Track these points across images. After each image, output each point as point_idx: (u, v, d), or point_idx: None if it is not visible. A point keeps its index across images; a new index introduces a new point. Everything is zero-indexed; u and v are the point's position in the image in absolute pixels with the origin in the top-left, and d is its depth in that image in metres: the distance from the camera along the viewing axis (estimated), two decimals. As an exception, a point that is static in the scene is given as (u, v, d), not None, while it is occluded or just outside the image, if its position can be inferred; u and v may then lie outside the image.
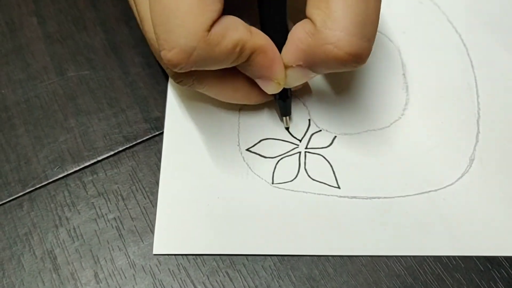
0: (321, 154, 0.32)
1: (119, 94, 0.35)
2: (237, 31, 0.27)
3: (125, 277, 0.30)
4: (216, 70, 0.29)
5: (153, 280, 0.29)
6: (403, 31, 0.36)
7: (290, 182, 0.31)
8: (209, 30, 0.26)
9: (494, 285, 0.29)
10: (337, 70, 0.28)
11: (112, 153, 0.33)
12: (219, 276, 0.29)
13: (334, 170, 0.32)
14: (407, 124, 0.33)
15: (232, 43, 0.26)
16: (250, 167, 0.32)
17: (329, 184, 0.31)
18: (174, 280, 0.29)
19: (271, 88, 0.30)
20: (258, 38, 0.28)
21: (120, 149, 0.33)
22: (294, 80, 0.30)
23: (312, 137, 0.33)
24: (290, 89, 0.32)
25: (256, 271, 0.29)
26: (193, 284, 0.29)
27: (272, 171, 0.32)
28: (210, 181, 0.32)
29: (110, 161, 0.33)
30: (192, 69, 0.27)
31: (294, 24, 0.28)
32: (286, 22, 0.30)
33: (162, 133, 0.33)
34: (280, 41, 0.29)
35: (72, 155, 0.33)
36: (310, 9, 0.27)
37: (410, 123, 0.33)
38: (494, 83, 0.34)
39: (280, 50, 0.29)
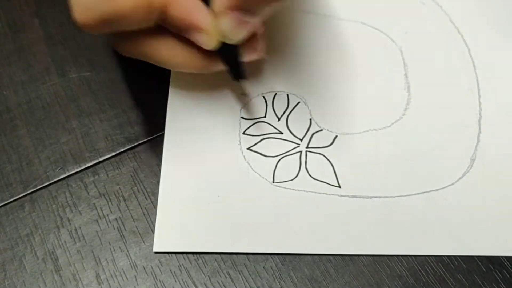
0: (322, 153, 0.32)
1: (120, 95, 0.35)
2: None
3: (127, 278, 0.30)
4: (148, 36, 0.28)
5: (155, 281, 0.29)
6: (405, 31, 0.36)
7: (291, 181, 0.31)
8: None
9: (496, 286, 0.29)
10: (268, 2, 0.27)
11: (113, 154, 0.33)
12: (220, 277, 0.29)
13: (335, 169, 0.32)
14: (409, 124, 0.33)
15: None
16: (251, 166, 0.32)
17: (330, 183, 0.31)
18: (175, 281, 0.29)
19: (203, 42, 0.28)
20: None
21: (122, 150, 0.33)
22: (232, 29, 0.28)
23: (313, 136, 0.33)
24: (237, 47, 0.30)
25: (257, 272, 0.29)
26: (195, 285, 0.29)
27: (273, 170, 0.32)
28: (211, 180, 0.32)
29: (111, 162, 0.33)
30: (106, 30, 0.27)
31: None
32: None
33: (164, 134, 0.33)
34: None
35: (73, 156, 0.33)
36: None
37: (412, 123, 0.33)
38: (496, 84, 0.34)
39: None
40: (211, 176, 0.32)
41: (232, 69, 0.31)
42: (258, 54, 0.31)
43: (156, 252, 0.30)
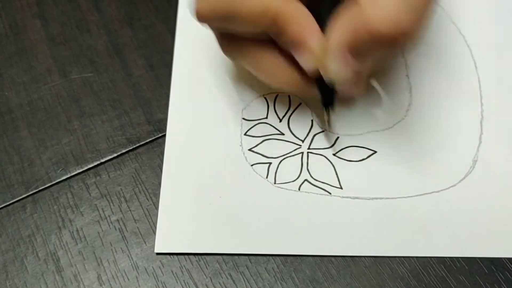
0: (324, 154, 0.32)
1: (122, 96, 0.35)
2: None
3: (128, 279, 0.30)
4: (256, 46, 0.29)
5: (156, 282, 0.29)
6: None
7: (292, 182, 0.31)
8: None
9: (498, 287, 0.28)
10: (383, 51, 0.27)
11: (115, 155, 0.33)
12: (222, 278, 0.29)
13: (337, 170, 0.32)
14: (410, 125, 0.33)
15: (261, 6, 0.27)
16: (252, 167, 0.32)
17: (332, 184, 0.31)
18: (177, 282, 0.29)
19: (306, 61, 0.28)
20: (292, 6, 0.27)
21: (123, 151, 0.33)
22: (337, 70, 0.28)
23: (315, 137, 0.33)
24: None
25: (259, 273, 0.29)
26: (196, 286, 0.29)
27: (275, 171, 0.32)
28: (212, 181, 0.32)
29: (113, 163, 0.33)
30: (220, 25, 0.28)
31: None
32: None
33: (165, 135, 0.33)
34: (324, 20, 0.28)
35: (75, 157, 0.33)
36: None
37: (413, 124, 0.33)
38: (498, 85, 0.34)
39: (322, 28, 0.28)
40: (213, 177, 0.32)
41: (324, 97, 0.31)
42: (356, 92, 0.32)
43: (157, 253, 0.30)
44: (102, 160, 0.33)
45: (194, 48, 0.36)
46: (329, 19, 0.28)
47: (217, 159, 0.32)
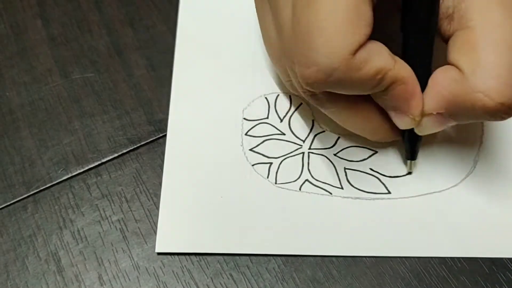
0: (325, 154, 0.32)
1: (123, 97, 0.35)
2: (381, 58, 0.25)
3: (129, 279, 0.30)
4: (351, 97, 0.28)
5: (157, 282, 0.29)
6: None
7: (293, 183, 0.31)
8: (354, 53, 0.24)
9: (499, 287, 0.28)
10: (479, 120, 0.26)
11: (116, 155, 0.33)
12: (223, 278, 0.29)
13: (338, 170, 0.32)
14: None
15: (374, 70, 0.25)
16: (253, 167, 0.32)
17: (333, 184, 0.31)
18: (178, 282, 0.29)
19: (405, 124, 0.28)
20: (401, 68, 0.26)
21: (124, 151, 0.33)
22: (430, 127, 0.28)
23: (316, 137, 0.33)
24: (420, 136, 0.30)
25: (260, 273, 0.29)
26: (197, 286, 0.29)
27: (276, 171, 0.32)
28: (213, 181, 0.32)
29: (114, 163, 0.33)
30: (327, 89, 0.26)
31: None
32: (431, 57, 0.28)
33: (166, 135, 0.33)
34: (421, 77, 0.27)
35: (76, 157, 0.33)
36: (455, 55, 0.26)
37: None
38: None
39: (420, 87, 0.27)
40: (214, 177, 0.32)
41: (410, 149, 0.31)
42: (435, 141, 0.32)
43: (158, 253, 0.30)
44: (103, 160, 0.33)
45: (194, 48, 0.36)
46: (426, 77, 0.27)
47: (218, 159, 0.32)
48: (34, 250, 0.31)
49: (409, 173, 0.31)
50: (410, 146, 0.31)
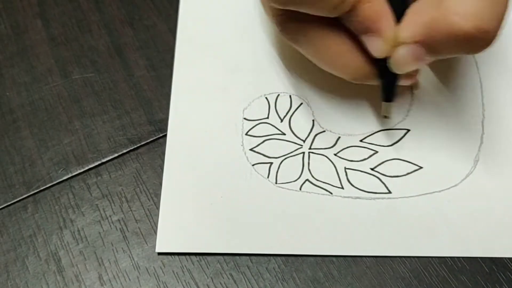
0: (325, 154, 0.32)
1: (123, 97, 0.35)
2: None
3: (129, 279, 0.30)
4: (323, 27, 0.28)
5: (157, 282, 0.29)
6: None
7: (293, 182, 0.31)
8: None
9: (499, 287, 0.28)
10: (456, 52, 0.26)
11: (116, 155, 0.33)
12: (223, 278, 0.29)
13: (338, 170, 0.32)
14: (411, 125, 0.33)
15: None
16: (253, 167, 0.32)
17: (333, 184, 0.31)
18: (178, 282, 0.29)
19: (377, 48, 0.28)
20: None
21: (124, 151, 0.33)
22: (406, 61, 0.27)
23: (316, 137, 0.33)
24: (397, 75, 0.30)
25: (260, 273, 0.29)
26: (197, 286, 0.29)
27: (276, 171, 0.32)
28: (214, 181, 0.32)
29: (114, 163, 0.33)
30: (292, 5, 0.27)
31: None
32: None
33: (166, 135, 0.33)
34: (398, 9, 0.27)
35: (76, 157, 0.33)
36: None
37: (415, 124, 0.33)
38: (499, 84, 0.34)
39: (398, 20, 0.27)
40: (214, 177, 0.32)
41: (385, 89, 0.31)
42: (413, 82, 0.31)
43: (159, 253, 0.30)
44: (103, 160, 0.33)
45: (195, 47, 0.36)
46: (403, 10, 0.27)
47: (218, 159, 0.32)
48: (34, 250, 0.31)
49: (385, 117, 0.31)
50: (386, 84, 0.30)
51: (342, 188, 0.31)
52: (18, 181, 0.33)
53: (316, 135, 0.33)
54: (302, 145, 0.33)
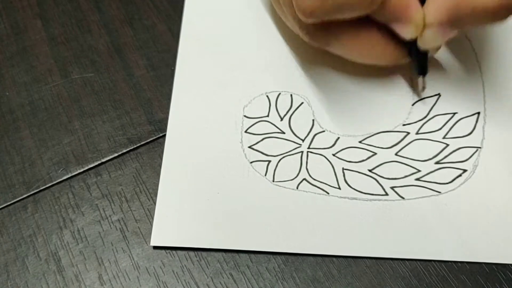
0: (323, 154, 0.32)
1: (123, 96, 0.35)
2: None
3: (129, 279, 0.30)
4: (352, 26, 0.29)
5: (157, 281, 0.29)
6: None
7: (291, 181, 0.31)
8: None
9: (499, 287, 0.28)
10: (481, 25, 0.28)
11: (116, 155, 0.33)
12: (223, 277, 0.29)
13: (336, 170, 0.32)
14: (411, 128, 0.33)
15: None
16: (251, 165, 0.32)
17: (330, 184, 0.31)
18: (178, 282, 0.29)
19: (408, 32, 0.30)
20: None
21: (124, 151, 0.33)
22: (433, 39, 0.30)
23: (315, 137, 0.33)
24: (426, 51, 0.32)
25: (260, 273, 0.29)
26: (197, 286, 0.29)
27: (274, 169, 0.32)
28: (211, 177, 0.32)
29: (114, 163, 0.33)
30: (325, 18, 0.28)
31: None
32: None
33: (166, 135, 0.33)
34: None
35: (76, 157, 0.33)
36: None
37: (415, 127, 0.33)
38: (501, 90, 0.34)
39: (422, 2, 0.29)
40: (211, 173, 0.32)
41: (418, 63, 0.33)
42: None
43: (154, 247, 0.30)
44: (103, 160, 0.33)
45: (197, 46, 0.36)
46: None
47: (216, 155, 0.32)
48: (34, 250, 0.31)
49: (423, 88, 0.33)
50: (418, 61, 0.32)
51: (339, 188, 0.31)
52: (18, 181, 0.33)
53: (315, 135, 0.33)
54: (301, 144, 0.33)
